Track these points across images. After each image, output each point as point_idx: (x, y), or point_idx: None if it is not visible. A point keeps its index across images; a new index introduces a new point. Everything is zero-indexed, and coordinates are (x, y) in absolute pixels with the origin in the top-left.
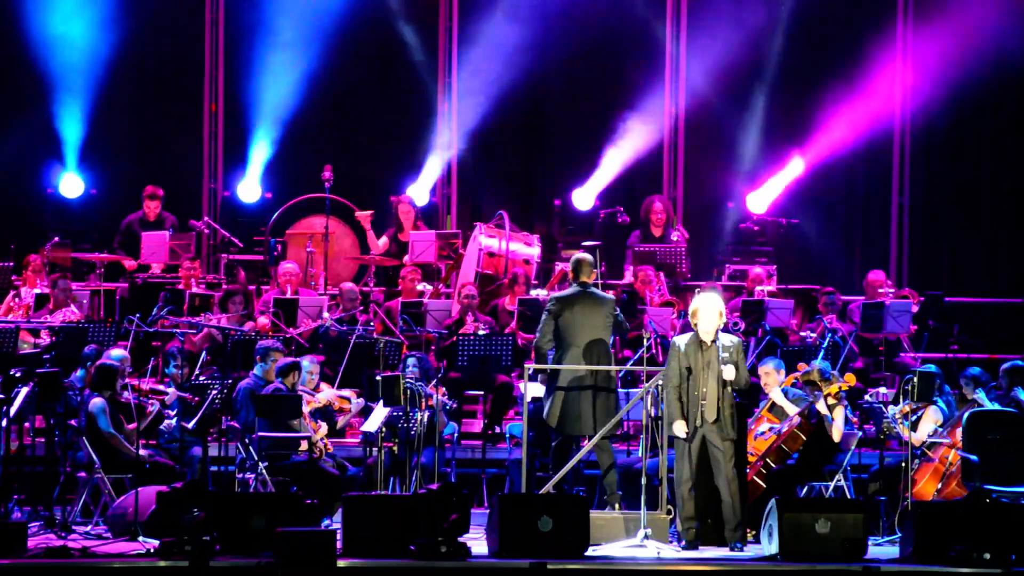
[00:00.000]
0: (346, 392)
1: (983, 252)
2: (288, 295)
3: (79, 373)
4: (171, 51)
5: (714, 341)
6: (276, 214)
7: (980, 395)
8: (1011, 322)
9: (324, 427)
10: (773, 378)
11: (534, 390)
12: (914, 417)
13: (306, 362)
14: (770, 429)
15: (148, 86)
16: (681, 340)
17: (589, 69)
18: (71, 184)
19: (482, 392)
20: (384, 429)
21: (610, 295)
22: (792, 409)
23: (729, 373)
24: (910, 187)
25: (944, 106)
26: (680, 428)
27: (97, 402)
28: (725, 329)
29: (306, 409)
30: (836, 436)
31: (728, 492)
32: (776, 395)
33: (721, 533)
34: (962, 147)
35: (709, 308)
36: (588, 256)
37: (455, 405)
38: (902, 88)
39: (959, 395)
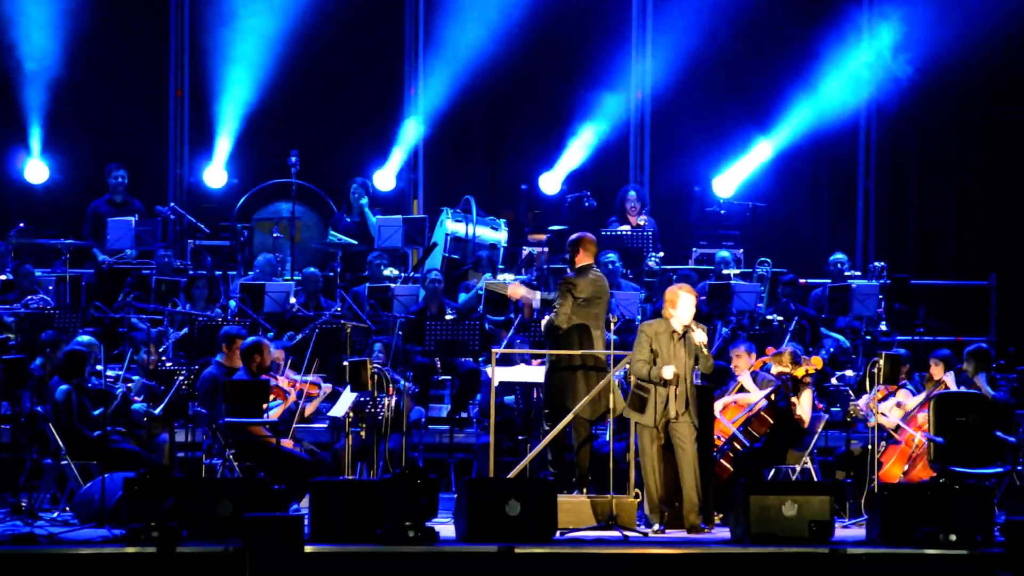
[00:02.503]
0: (311, 378)
1: (949, 234)
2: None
3: (38, 361)
4: (136, 36)
5: (685, 334)
6: (242, 200)
7: (950, 377)
8: (977, 304)
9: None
10: (744, 361)
11: (501, 374)
12: (893, 400)
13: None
14: (737, 411)
15: (113, 71)
16: (650, 327)
17: (555, 54)
18: (36, 170)
19: (449, 377)
20: (351, 414)
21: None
22: (758, 393)
23: (701, 337)
24: (876, 170)
25: (910, 88)
26: (670, 370)
27: (63, 389)
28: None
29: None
30: (804, 417)
31: (691, 476)
32: (745, 379)
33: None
34: (927, 129)
35: (689, 298)
36: (592, 235)
37: (417, 390)
38: (868, 70)
39: (927, 376)
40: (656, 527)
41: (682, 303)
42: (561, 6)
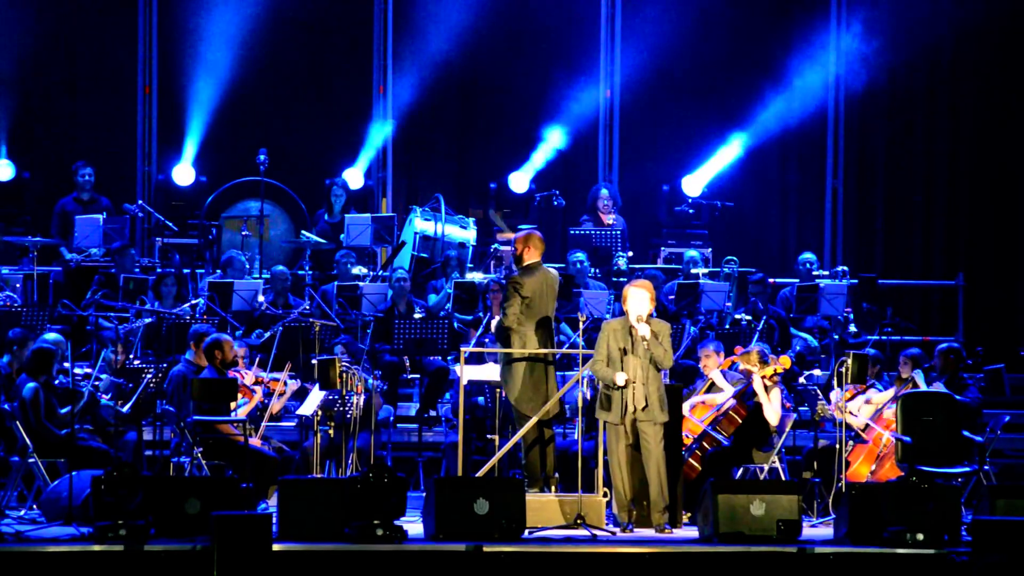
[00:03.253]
0: (277, 375)
1: (917, 234)
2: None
3: (5, 358)
4: (104, 33)
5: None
6: (211, 197)
7: (919, 376)
8: (944, 304)
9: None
10: (712, 360)
11: (470, 373)
12: (862, 398)
13: (235, 346)
14: (706, 410)
15: (80, 68)
16: (609, 325)
17: (524, 52)
18: (3, 169)
19: (418, 375)
20: (320, 413)
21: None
22: (729, 391)
23: (643, 330)
24: (844, 169)
25: (878, 88)
26: (622, 377)
27: (30, 387)
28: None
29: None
30: (772, 418)
31: (657, 475)
32: (716, 376)
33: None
34: (895, 129)
35: (639, 293)
36: (539, 233)
37: (385, 387)
38: (836, 70)
39: (897, 376)
40: (624, 526)
41: (631, 298)
42: (530, 5)
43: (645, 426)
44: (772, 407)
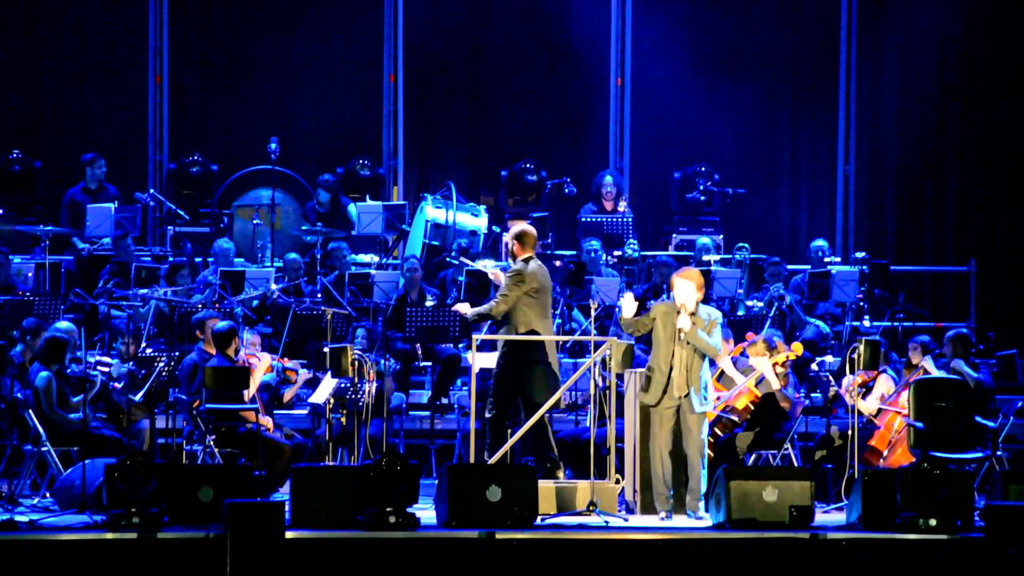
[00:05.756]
0: (291, 363)
1: (928, 221)
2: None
3: (18, 348)
4: (114, 21)
5: (692, 314)
6: (223, 186)
7: (929, 362)
8: (956, 290)
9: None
10: (723, 348)
11: (482, 361)
12: (873, 392)
13: (247, 334)
14: (718, 399)
15: (91, 57)
16: (658, 307)
17: (535, 38)
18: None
19: (430, 363)
20: (332, 400)
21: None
22: (740, 378)
23: (683, 322)
24: (856, 155)
25: (888, 76)
26: (626, 305)
27: (43, 376)
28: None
29: (254, 386)
30: (784, 403)
31: (696, 462)
32: (725, 364)
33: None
34: (906, 116)
35: (685, 284)
36: (532, 228)
37: (399, 367)
38: (847, 55)
39: (907, 362)
40: (663, 514)
41: (677, 288)
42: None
43: (686, 414)
44: (783, 393)
